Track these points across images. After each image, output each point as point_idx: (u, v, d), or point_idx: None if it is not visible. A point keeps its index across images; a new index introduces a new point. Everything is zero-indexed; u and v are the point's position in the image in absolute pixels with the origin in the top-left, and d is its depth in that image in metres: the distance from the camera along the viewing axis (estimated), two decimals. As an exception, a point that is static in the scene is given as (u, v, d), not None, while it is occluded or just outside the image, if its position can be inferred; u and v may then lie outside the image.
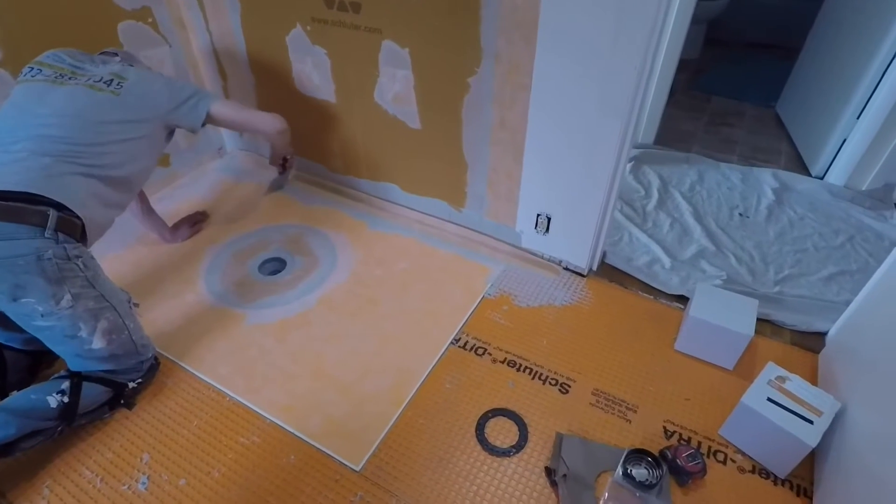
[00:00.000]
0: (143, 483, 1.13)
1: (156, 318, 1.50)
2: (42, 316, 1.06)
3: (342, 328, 1.49)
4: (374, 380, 1.35)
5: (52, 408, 1.09)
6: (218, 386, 1.33)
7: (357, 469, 1.15)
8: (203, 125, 1.39)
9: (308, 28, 1.63)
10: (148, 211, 1.71)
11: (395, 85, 1.59)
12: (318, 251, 1.77)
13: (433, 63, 1.47)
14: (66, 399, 1.11)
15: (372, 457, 1.18)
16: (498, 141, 1.52)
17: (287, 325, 1.49)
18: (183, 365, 1.38)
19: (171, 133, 1.42)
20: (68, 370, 1.18)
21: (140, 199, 1.68)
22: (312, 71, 1.73)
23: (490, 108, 1.46)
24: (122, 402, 1.25)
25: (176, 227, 1.79)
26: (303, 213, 1.94)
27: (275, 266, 1.72)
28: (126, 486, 1.12)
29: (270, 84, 1.89)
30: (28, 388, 1.12)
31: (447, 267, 1.71)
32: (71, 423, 1.14)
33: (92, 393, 1.17)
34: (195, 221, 1.84)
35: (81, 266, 1.11)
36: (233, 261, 1.72)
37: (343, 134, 1.86)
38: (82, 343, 1.13)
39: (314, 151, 2.02)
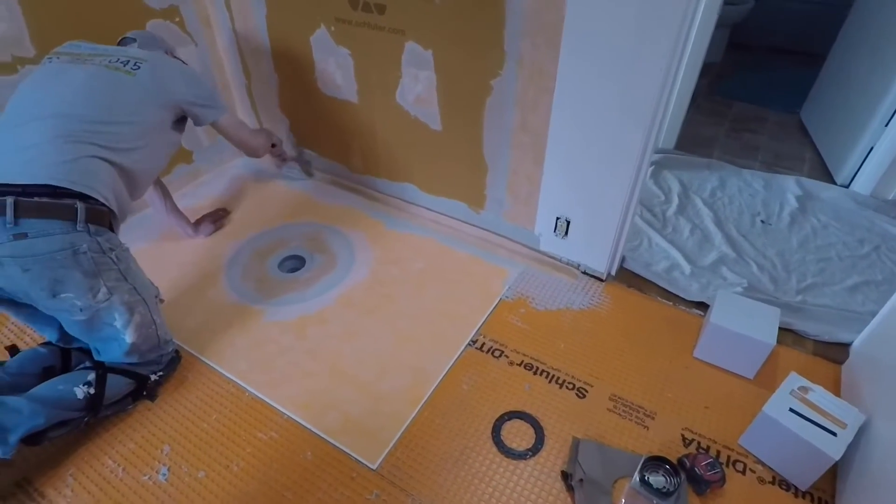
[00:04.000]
0: (164, 474, 1.15)
1: (178, 312, 1.52)
2: (81, 310, 1.09)
3: (360, 327, 1.50)
4: (391, 379, 1.35)
5: (79, 399, 1.12)
6: (237, 381, 1.34)
7: (373, 467, 1.16)
8: (203, 124, 1.45)
9: (332, 28, 1.65)
10: (172, 208, 1.75)
11: (418, 86, 1.59)
12: (337, 249, 1.78)
13: (456, 65, 1.48)
14: (92, 391, 1.14)
15: (388, 455, 1.18)
16: (519, 144, 1.52)
17: (305, 323, 1.51)
18: (203, 359, 1.40)
19: (180, 127, 1.42)
20: (93, 361, 1.20)
21: (164, 195, 1.72)
22: (336, 71, 1.74)
23: (512, 110, 1.46)
24: (144, 393, 1.27)
25: (198, 222, 1.82)
26: (322, 212, 1.95)
27: (294, 264, 1.74)
28: (147, 477, 1.14)
29: (293, 83, 1.91)
30: (55, 379, 1.14)
31: (465, 268, 1.71)
32: (97, 414, 1.17)
33: (116, 384, 1.19)
34: (217, 218, 1.87)
35: (115, 259, 1.14)
36: (253, 258, 1.74)
37: (364, 134, 1.87)
38: (115, 335, 1.15)
39: (334, 151, 2.04)
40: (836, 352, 1.44)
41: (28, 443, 1.06)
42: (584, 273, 1.69)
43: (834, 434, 1.08)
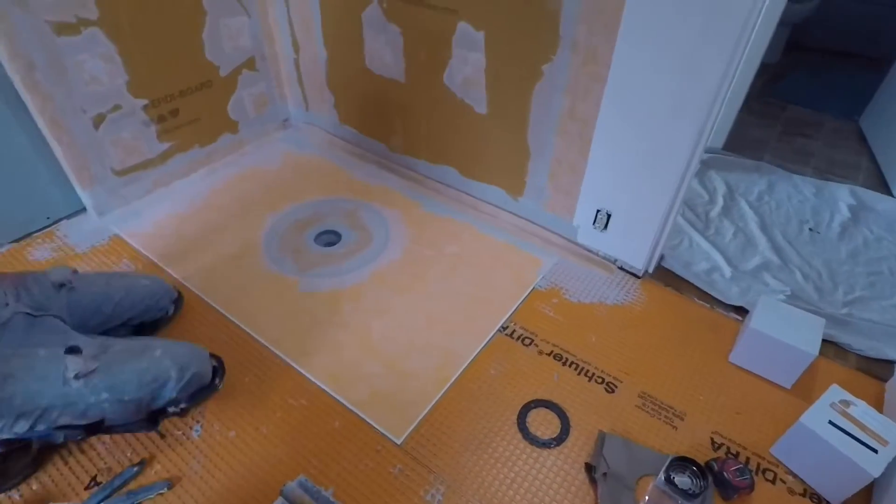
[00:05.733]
0: (197, 431, 1.19)
1: (215, 276, 1.56)
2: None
3: (391, 304, 1.51)
4: (419, 358, 1.36)
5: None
6: (271, 347, 1.37)
7: (398, 442, 1.18)
8: None
9: (384, 5, 1.64)
10: None
11: (466, 68, 1.58)
12: (373, 227, 1.80)
13: (507, 48, 1.46)
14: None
15: (413, 432, 1.20)
16: (565, 132, 1.49)
17: (339, 297, 1.53)
18: (238, 322, 1.43)
19: None
20: None
21: None
22: (384, 48, 1.74)
23: (561, 97, 1.43)
24: (155, 429, 1.13)
25: None
26: (360, 189, 1.97)
27: (330, 238, 1.76)
28: (181, 433, 1.18)
29: (342, 59, 1.92)
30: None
31: (499, 254, 1.70)
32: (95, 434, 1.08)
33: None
34: None
35: None
36: (291, 230, 1.77)
37: (407, 114, 1.87)
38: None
39: (376, 129, 2.04)
40: (880, 368, 1.38)
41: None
42: (621, 268, 1.66)
43: (875, 451, 1.04)
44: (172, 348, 1.11)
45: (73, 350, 1.00)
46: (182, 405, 1.10)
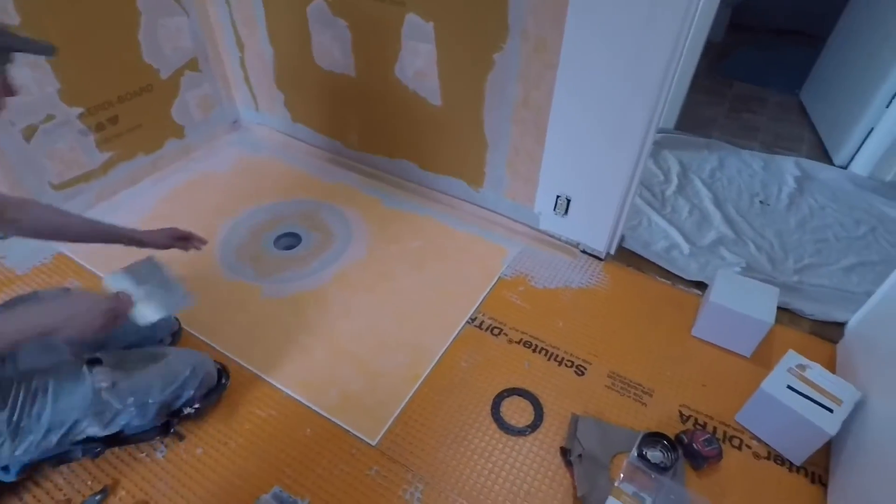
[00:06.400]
0: (162, 451, 1.14)
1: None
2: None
3: (358, 304, 1.49)
4: (389, 356, 1.35)
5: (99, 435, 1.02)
6: (235, 358, 1.33)
7: (373, 444, 1.16)
8: None
9: (329, -1, 1.60)
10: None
11: (417, 60, 1.56)
12: (334, 227, 1.76)
13: (458, 38, 1.44)
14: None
15: (388, 432, 1.18)
16: (520, 120, 1.49)
17: (303, 300, 1.50)
18: (199, 336, 1.38)
19: None
20: None
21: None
22: (333, 43, 1.70)
23: (514, 85, 1.43)
24: (172, 431, 1.16)
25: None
26: (318, 189, 1.93)
27: (290, 241, 1.71)
28: (145, 454, 1.13)
29: (289, 56, 1.86)
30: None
31: (463, 246, 1.70)
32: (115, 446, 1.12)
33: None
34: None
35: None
36: (248, 235, 1.71)
37: (361, 109, 1.84)
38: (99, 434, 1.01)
39: (331, 127, 2.00)
40: (831, 331, 1.45)
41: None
42: (584, 252, 1.68)
43: (830, 410, 1.09)
44: (180, 353, 1.13)
45: (94, 362, 1.00)
46: (196, 405, 1.13)
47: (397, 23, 1.51)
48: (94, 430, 0.98)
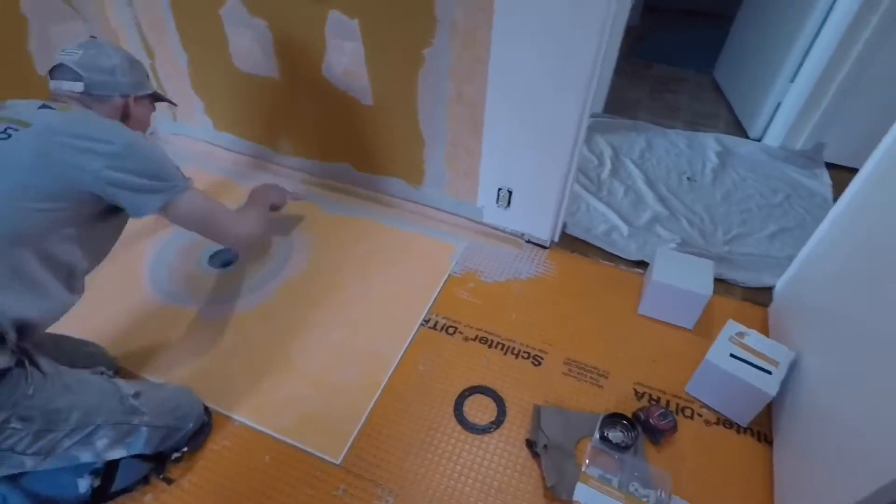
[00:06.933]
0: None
1: (100, 325, 1.37)
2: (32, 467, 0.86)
3: (306, 318, 1.43)
4: (345, 369, 1.30)
5: (81, 493, 0.98)
6: (177, 389, 1.24)
7: (337, 462, 1.12)
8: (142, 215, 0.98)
9: (244, -2, 1.51)
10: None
11: (344, 58, 1.50)
12: (272, 239, 1.68)
13: (385, 34, 1.40)
14: (97, 482, 1.00)
15: (351, 448, 1.15)
16: (456, 115, 1.48)
17: (246, 320, 1.42)
18: (133, 371, 1.28)
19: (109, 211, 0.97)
20: None
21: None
22: (252, 45, 1.61)
23: (446, 81, 1.41)
24: (161, 476, 1.08)
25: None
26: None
27: (226, 257, 1.62)
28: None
29: (206, 60, 1.75)
30: (58, 466, 0.90)
31: (409, 247, 1.67)
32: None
33: (129, 472, 1.04)
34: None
35: (18, 426, 0.80)
36: (179, 256, 1.60)
37: (290, 113, 1.76)
38: (100, 457, 0.94)
39: (259, 133, 1.90)
40: (762, 296, 1.55)
41: None
42: (529, 242, 1.70)
43: (769, 373, 1.16)
44: (172, 384, 1.14)
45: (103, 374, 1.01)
46: (184, 448, 1.09)
47: (320, 21, 1.45)
48: (104, 442, 0.91)
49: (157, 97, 1.19)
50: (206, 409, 1.17)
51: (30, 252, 0.83)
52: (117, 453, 0.95)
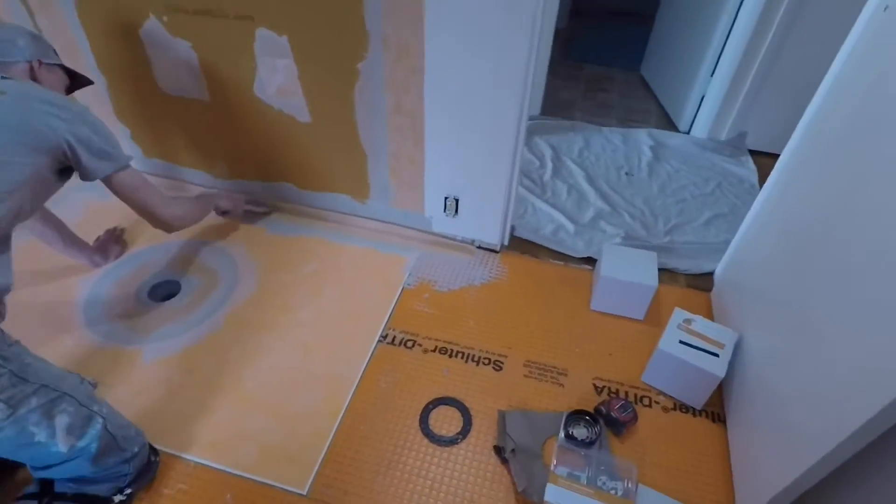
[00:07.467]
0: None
1: (28, 374, 1.27)
2: None
3: (259, 345, 1.38)
4: (303, 395, 1.27)
5: None
6: (123, 436, 1.16)
7: (303, 493, 1.08)
8: (92, 178, 1.13)
9: (165, 19, 1.44)
10: (70, 239, 1.52)
11: (277, 76, 1.47)
12: (216, 266, 1.61)
13: (317, 50, 1.38)
14: None
15: (317, 476, 1.11)
16: (396, 127, 1.47)
17: (194, 353, 1.35)
18: (74, 421, 1.19)
19: (63, 179, 1.11)
20: (36, 483, 0.98)
21: (57, 227, 1.49)
22: (177, 67, 1.54)
23: (383, 94, 1.40)
24: None
25: (101, 247, 1.61)
26: (190, 228, 1.74)
27: (168, 289, 1.54)
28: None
29: (127, 85, 1.66)
30: (16, 439, 0.86)
31: (360, 262, 1.64)
32: None
33: None
34: (118, 237, 1.68)
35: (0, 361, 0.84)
36: (115, 291, 1.51)
37: (223, 135, 1.69)
38: (43, 449, 0.89)
39: (192, 158, 1.82)
40: (704, 281, 1.63)
41: None
42: (480, 248, 1.71)
43: (717, 356, 1.22)
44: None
45: None
46: (128, 490, 1.03)
47: (248, 39, 1.41)
48: (66, 418, 0.89)
49: (66, 70, 1.25)
50: (154, 448, 1.10)
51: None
52: (71, 442, 0.90)
